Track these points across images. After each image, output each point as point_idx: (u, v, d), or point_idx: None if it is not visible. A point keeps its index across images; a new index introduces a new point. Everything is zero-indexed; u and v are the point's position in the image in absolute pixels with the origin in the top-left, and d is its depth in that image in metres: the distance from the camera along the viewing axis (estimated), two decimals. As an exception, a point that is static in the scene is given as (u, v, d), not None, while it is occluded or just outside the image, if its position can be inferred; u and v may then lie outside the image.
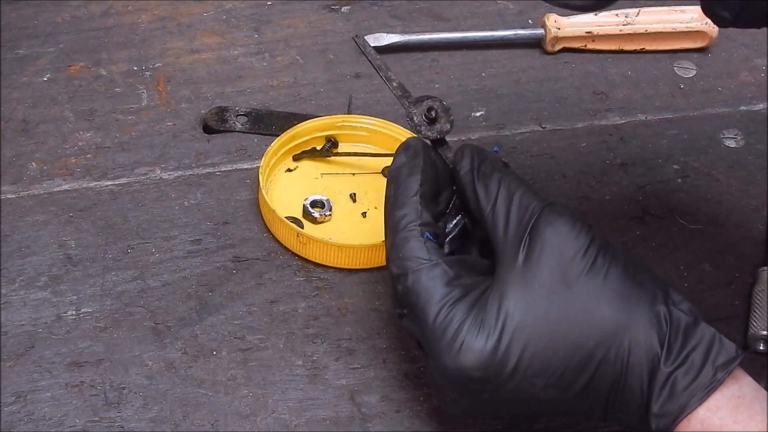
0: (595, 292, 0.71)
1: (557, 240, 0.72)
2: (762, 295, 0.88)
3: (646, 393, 0.71)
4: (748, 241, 0.95)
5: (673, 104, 1.08)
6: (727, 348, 0.71)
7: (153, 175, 0.97)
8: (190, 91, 1.05)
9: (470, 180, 0.77)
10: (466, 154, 0.79)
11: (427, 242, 0.75)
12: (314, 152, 0.98)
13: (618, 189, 0.99)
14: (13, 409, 0.80)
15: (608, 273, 0.72)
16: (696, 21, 1.11)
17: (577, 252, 0.72)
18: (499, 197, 0.75)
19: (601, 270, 0.72)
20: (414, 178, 0.78)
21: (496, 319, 0.71)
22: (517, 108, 1.06)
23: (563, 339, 0.71)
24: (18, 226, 0.92)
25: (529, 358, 0.71)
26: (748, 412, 0.70)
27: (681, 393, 0.70)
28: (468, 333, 0.71)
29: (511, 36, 1.11)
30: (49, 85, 1.04)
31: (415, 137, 0.82)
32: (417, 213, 0.76)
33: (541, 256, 0.72)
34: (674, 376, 0.70)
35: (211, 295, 0.88)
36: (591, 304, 0.71)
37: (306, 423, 0.81)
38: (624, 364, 0.70)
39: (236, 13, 1.13)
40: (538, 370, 0.71)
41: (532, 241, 0.73)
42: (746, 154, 1.03)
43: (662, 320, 0.71)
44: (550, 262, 0.72)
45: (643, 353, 0.70)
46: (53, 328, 0.85)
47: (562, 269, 0.72)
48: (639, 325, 0.71)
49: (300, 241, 0.90)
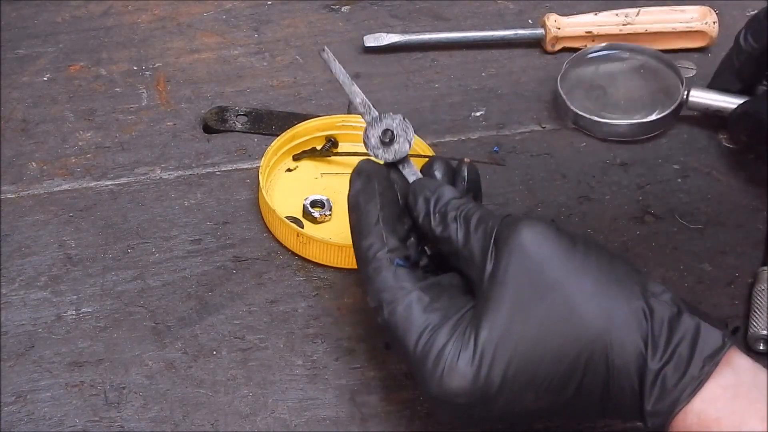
0: (571, 297, 0.70)
1: (522, 247, 0.71)
2: (762, 295, 0.88)
3: (638, 392, 0.70)
4: (748, 241, 0.95)
5: (673, 104, 1.08)
6: (714, 337, 0.70)
7: (153, 174, 0.97)
8: (190, 90, 1.05)
9: (428, 227, 0.77)
10: (419, 196, 0.78)
11: (397, 270, 0.75)
12: (314, 152, 0.98)
13: (618, 189, 0.99)
14: (13, 409, 0.80)
15: (581, 274, 0.71)
16: (696, 21, 1.11)
17: (547, 254, 0.71)
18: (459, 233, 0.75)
19: (572, 273, 0.71)
20: (372, 205, 0.77)
21: (476, 340, 0.71)
22: (517, 108, 1.06)
23: (545, 350, 0.70)
24: (18, 226, 0.92)
25: (514, 374, 0.70)
26: (745, 400, 0.69)
27: (672, 389, 0.69)
28: (449, 358, 0.71)
29: (511, 36, 1.11)
30: (49, 84, 1.04)
31: (366, 160, 0.81)
32: (382, 240, 0.76)
33: (509, 267, 0.71)
34: (663, 373, 0.69)
35: (211, 295, 0.88)
36: (568, 311, 0.70)
37: (306, 423, 0.81)
38: (611, 367, 0.70)
39: (236, 13, 1.13)
40: (524, 384, 0.70)
41: (498, 254, 0.72)
42: (746, 154, 1.03)
43: (642, 317, 0.70)
44: (519, 277, 0.71)
45: (628, 353, 0.69)
46: (53, 328, 0.85)
47: (532, 280, 0.71)
48: (619, 324, 0.70)
49: (300, 241, 0.90)
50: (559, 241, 0.72)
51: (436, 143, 1.01)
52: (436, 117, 1.04)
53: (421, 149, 0.97)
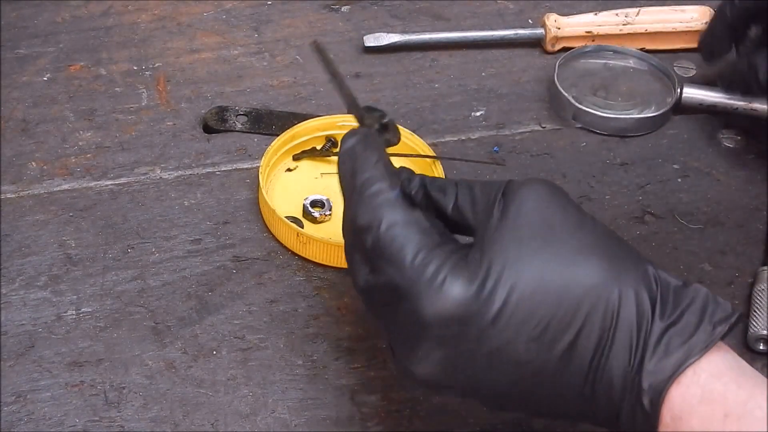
0: (582, 243, 0.68)
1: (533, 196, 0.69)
2: (762, 295, 0.88)
3: (636, 351, 0.66)
4: (748, 241, 0.95)
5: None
6: (723, 306, 0.67)
7: (153, 174, 0.97)
8: (190, 90, 1.05)
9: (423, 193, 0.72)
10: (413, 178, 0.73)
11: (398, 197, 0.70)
12: (314, 152, 0.98)
13: (618, 189, 0.99)
14: (13, 409, 0.80)
15: (592, 230, 0.69)
16: (696, 21, 1.11)
17: (557, 207, 0.69)
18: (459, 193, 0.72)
19: (584, 226, 0.69)
20: (371, 151, 0.73)
21: (480, 261, 0.67)
22: (517, 108, 1.06)
23: (550, 286, 0.66)
24: (18, 225, 0.92)
25: (515, 302, 0.66)
26: (752, 379, 0.66)
27: (678, 348, 0.65)
28: (450, 273, 0.66)
29: (511, 35, 1.11)
30: (49, 84, 1.04)
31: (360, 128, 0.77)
32: (382, 174, 0.72)
33: (520, 211, 0.68)
34: (669, 333, 0.66)
35: (211, 294, 0.88)
36: (578, 255, 0.67)
37: (306, 423, 0.81)
38: (613, 317, 0.66)
39: (236, 13, 1.13)
40: (523, 318, 0.66)
41: (507, 201, 0.69)
42: (746, 154, 1.03)
43: (652, 278, 0.68)
44: (530, 216, 0.68)
45: (634, 307, 0.66)
46: (53, 327, 0.85)
47: (544, 220, 0.68)
48: (629, 279, 0.67)
49: (300, 240, 0.90)
50: (569, 200, 0.70)
51: (436, 143, 1.01)
52: (436, 117, 1.04)
53: (421, 149, 0.97)
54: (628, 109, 1.04)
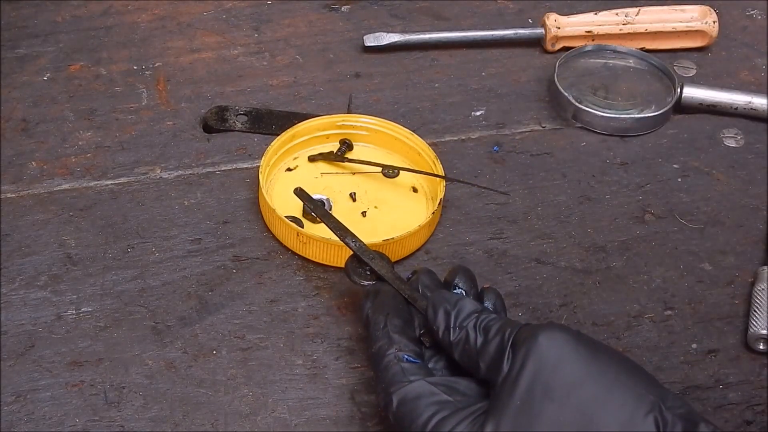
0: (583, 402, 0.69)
1: (536, 352, 0.70)
2: (762, 295, 0.88)
3: None
4: (748, 240, 0.95)
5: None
6: None
7: (153, 174, 0.97)
8: (190, 90, 1.05)
9: (448, 342, 0.76)
10: (438, 309, 0.77)
11: (404, 364, 0.75)
12: (330, 156, 0.98)
13: (618, 189, 0.99)
14: (13, 409, 0.80)
15: (596, 380, 0.69)
16: (696, 20, 1.11)
17: (559, 361, 0.70)
18: (477, 341, 0.74)
19: (587, 378, 0.70)
20: (380, 314, 0.78)
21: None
22: (517, 107, 1.06)
23: None
24: (18, 225, 0.92)
25: None
26: None
27: None
28: None
29: (511, 35, 1.11)
30: (49, 84, 1.04)
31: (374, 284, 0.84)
32: (389, 340, 0.76)
33: (521, 371, 0.70)
34: None
35: (211, 294, 0.88)
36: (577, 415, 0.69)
37: (306, 422, 0.81)
38: None
39: (236, 13, 1.13)
40: None
41: (514, 358, 0.71)
42: (746, 154, 1.03)
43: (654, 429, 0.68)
44: (531, 376, 0.70)
45: None
46: (53, 327, 0.85)
47: (544, 381, 0.69)
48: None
49: (300, 240, 0.90)
50: (577, 346, 0.71)
51: (436, 143, 1.01)
52: (436, 116, 1.04)
53: (420, 149, 0.97)
54: (628, 109, 1.04)
